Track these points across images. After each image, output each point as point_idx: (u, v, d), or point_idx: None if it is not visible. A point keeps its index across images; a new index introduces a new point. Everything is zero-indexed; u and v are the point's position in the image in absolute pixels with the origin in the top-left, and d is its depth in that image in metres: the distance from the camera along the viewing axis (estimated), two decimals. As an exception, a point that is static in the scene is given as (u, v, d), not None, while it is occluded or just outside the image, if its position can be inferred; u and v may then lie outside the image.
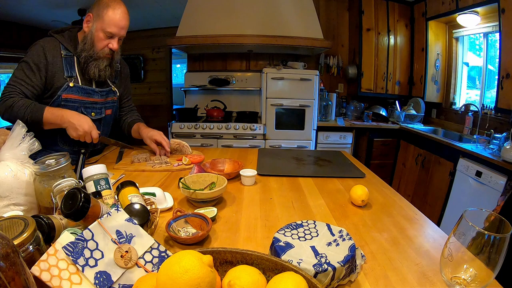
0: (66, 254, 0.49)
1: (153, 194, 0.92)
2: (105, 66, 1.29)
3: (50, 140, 1.30)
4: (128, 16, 1.28)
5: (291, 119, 3.03)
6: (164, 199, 0.95)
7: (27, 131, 0.80)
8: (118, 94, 1.45)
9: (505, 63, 2.21)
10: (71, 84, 1.26)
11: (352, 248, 0.62)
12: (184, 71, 3.72)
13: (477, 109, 2.68)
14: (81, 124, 1.18)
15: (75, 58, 1.28)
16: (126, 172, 1.28)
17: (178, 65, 5.42)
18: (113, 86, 1.43)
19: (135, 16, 1.66)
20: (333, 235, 0.67)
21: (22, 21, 3.31)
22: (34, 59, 1.20)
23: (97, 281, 0.49)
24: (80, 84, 1.29)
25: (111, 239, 0.53)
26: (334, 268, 0.56)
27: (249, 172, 1.18)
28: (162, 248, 0.57)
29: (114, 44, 1.26)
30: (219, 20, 2.92)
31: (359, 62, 3.40)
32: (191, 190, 0.95)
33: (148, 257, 0.55)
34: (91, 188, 0.74)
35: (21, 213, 0.69)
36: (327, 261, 0.58)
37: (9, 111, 1.17)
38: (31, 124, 1.15)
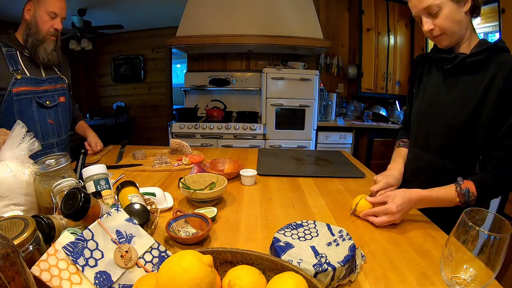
0: (66, 254, 0.49)
1: (153, 194, 0.92)
2: (52, 50, 1.32)
3: None
4: None
5: (291, 119, 3.03)
6: (164, 199, 0.95)
7: (27, 131, 0.80)
8: (67, 81, 1.47)
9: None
10: (18, 77, 1.26)
11: (352, 248, 0.62)
12: (184, 71, 3.72)
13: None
14: None
15: (17, 52, 1.29)
16: (126, 172, 1.28)
17: (178, 65, 5.42)
18: (60, 73, 1.44)
19: (135, 16, 1.67)
20: (333, 235, 0.67)
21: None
22: None
23: (97, 281, 0.49)
24: (28, 75, 1.30)
25: (111, 239, 0.53)
26: (334, 268, 0.56)
27: (249, 172, 1.18)
28: (162, 248, 0.57)
29: (58, 24, 1.30)
30: (219, 20, 2.92)
31: (359, 62, 3.40)
32: (191, 190, 0.95)
33: (148, 257, 0.55)
34: (91, 188, 0.74)
35: (21, 213, 0.69)
36: (327, 261, 0.58)
37: None
38: None
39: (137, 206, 0.67)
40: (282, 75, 2.95)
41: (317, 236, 0.67)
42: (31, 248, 0.48)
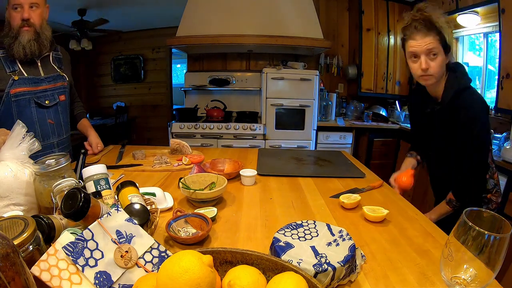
0: (66, 254, 0.49)
1: (153, 194, 0.92)
2: (29, 41, 1.25)
3: None
4: None
5: (291, 119, 3.03)
6: (164, 199, 0.95)
7: (27, 131, 0.80)
8: (67, 79, 1.44)
9: (505, 63, 2.21)
10: (15, 78, 1.25)
11: (352, 248, 0.62)
12: (184, 71, 3.72)
13: (477, 109, 2.68)
14: None
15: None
16: (126, 172, 1.28)
17: (178, 65, 5.42)
18: (60, 71, 1.40)
19: (135, 16, 1.68)
20: (333, 235, 0.67)
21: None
22: None
23: (97, 281, 0.49)
24: (25, 75, 1.28)
25: (111, 239, 0.53)
26: (334, 268, 0.56)
27: (249, 172, 1.18)
28: (162, 248, 0.57)
29: (24, 13, 1.22)
30: (219, 20, 2.92)
31: (359, 62, 3.40)
32: (191, 190, 0.95)
33: (148, 257, 0.55)
34: (91, 188, 0.74)
35: (21, 213, 0.69)
36: (327, 261, 0.58)
37: None
38: None
39: (137, 206, 0.67)
40: (282, 75, 2.95)
41: (317, 236, 0.67)
42: (31, 248, 0.48)
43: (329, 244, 0.64)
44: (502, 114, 2.44)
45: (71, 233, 0.54)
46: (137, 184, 0.79)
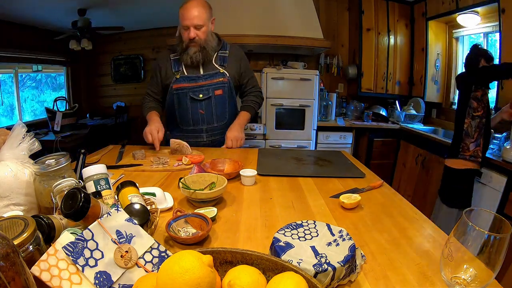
0: (66, 254, 0.49)
1: (153, 194, 0.92)
2: (195, 52, 1.55)
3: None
4: (196, 6, 1.50)
5: (291, 119, 3.03)
6: (164, 199, 0.95)
7: (27, 131, 0.80)
8: (228, 75, 1.64)
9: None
10: (177, 76, 1.60)
11: (352, 248, 0.62)
12: (184, 71, 3.71)
13: (477, 109, 2.68)
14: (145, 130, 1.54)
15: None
16: (126, 172, 1.28)
17: (178, 65, 5.41)
18: (221, 68, 1.63)
19: (135, 16, 1.71)
20: (333, 235, 0.67)
21: (22, 21, 3.30)
22: (152, 70, 1.74)
23: (97, 281, 0.49)
24: (185, 74, 1.60)
25: (111, 239, 0.53)
26: (334, 268, 0.56)
27: (249, 172, 1.18)
28: (162, 248, 0.57)
29: (190, 33, 1.51)
30: (219, 20, 2.91)
31: (359, 62, 3.40)
32: (191, 190, 0.95)
33: (148, 257, 0.55)
34: (91, 188, 0.74)
35: (21, 213, 0.69)
36: (327, 261, 0.58)
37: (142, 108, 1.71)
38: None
39: (137, 206, 0.67)
40: (282, 75, 2.95)
41: (317, 236, 0.67)
42: (31, 248, 0.48)
43: (329, 244, 0.64)
44: (502, 114, 2.44)
45: (71, 233, 0.54)
46: (137, 184, 0.79)
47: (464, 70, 2.07)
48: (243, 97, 1.79)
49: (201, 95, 1.61)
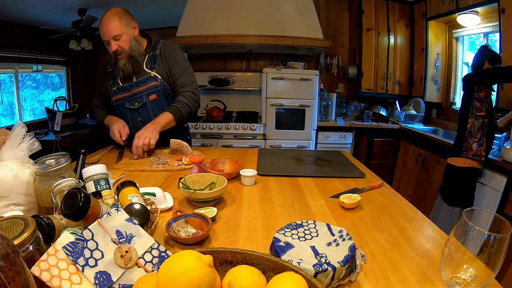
0: (66, 254, 0.49)
1: (153, 194, 0.92)
2: (124, 64, 1.51)
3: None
4: (109, 18, 1.44)
5: (291, 119, 3.03)
6: (164, 199, 0.95)
7: (27, 131, 0.80)
8: (159, 77, 1.57)
9: (505, 63, 2.20)
10: (114, 88, 1.59)
11: (352, 248, 0.62)
12: (184, 71, 3.71)
13: (477, 109, 2.68)
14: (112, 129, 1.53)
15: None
16: (126, 172, 1.28)
17: (178, 65, 5.41)
18: (152, 72, 1.56)
19: (135, 16, 1.69)
20: (333, 235, 0.67)
21: (22, 21, 3.30)
22: (97, 84, 1.70)
23: (97, 281, 0.49)
24: (121, 85, 1.57)
25: (111, 239, 0.53)
26: (334, 268, 0.56)
27: (249, 172, 1.18)
28: (162, 248, 0.57)
29: (111, 47, 1.47)
30: (219, 20, 2.92)
31: (359, 62, 3.40)
32: (191, 190, 0.95)
33: (148, 257, 0.55)
34: (91, 188, 0.74)
35: (21, 213, 0.69)
36: (327, 261, 0.58)
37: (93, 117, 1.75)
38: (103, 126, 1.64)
39: (137, 206, 0.67)
40: (282, 75, 2.95)
41: (317, 236, 0.67)
42: (31, 248, 0.48)
43: (329, 244, 0.64)
44: (502, 114, 2.44)
45: (71, 233, 0.54)
46: (137, 184, 0.79)
47: (470, 70, 2.08)
48: (174, 98, 1.63)
49: (136, 103, 1.57)
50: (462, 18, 2.72)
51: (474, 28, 2.81)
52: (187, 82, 1.61)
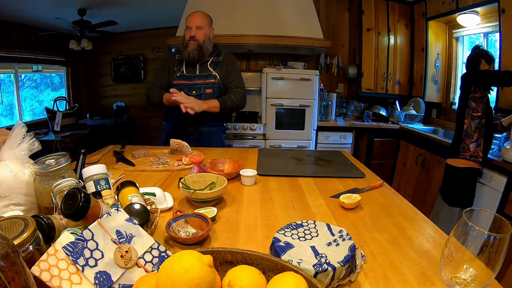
0: (66, 254, 0.49)
1: (153, 194, 0.92)
2: (192, 50, 1.78)
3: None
4: (199, 13, 1.87)
5: (291, 119, 3.03)
6: (164, 199, 0.95)
7: (27, 131, 0.80)
8: (218, 77, 1.85)
9: (505, 63, 2.21)
10: (178, 74, 1.85)
11: (352, 248, 0.62)
12: (184, 71, 3.71)
13: (477, 109, 2.68)
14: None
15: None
16: (126, 172, 1.28)
17: (178, 65, 5.41)
18: (213, 71, 1.85)
19: (135, 16, 1.71)
20: (333, 235, 0.67)
21: (22, 21, 3.30)
22: (159, 67, 2.01)
23: (97, 281, 0.49)
24: (184, 73, 1.84)
25: (111, 239, 0.53)
26: (334, 268, 0.56)
27: (249, 172, 1.18)
28: (162, 248, 0.57)
29: (191, 32, 1.79)
30: (219, 20, 2.91)
31: (359, 62, 3.40)
32: (191, 190, 0.95)
33: (148, 257, 0.55)
34: (91, 188, 0.74)
35: (21, 213, 0.69)
36: (327, 261, 0.58)
37: (147, 96, 1.94)
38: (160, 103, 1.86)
39: (137, 206, 0.67)
40: (282, 75, 2.95)
41: (317, 236, 0.67)
42: (31, 248, 0.48)
43: (329, 244, 0.64)
44: (502, 114, 2.44)
45: (71, 233, 0.54)
46: (137, 184, 0.79)
47: (465, 70, 2.07)
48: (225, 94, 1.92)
49: (194, 92, 1.81)
50: (462, 18, 2.72)
51: (474, 28, 2.81)
52: (239, 85, 1.92)
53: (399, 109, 3.41)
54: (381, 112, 3.39)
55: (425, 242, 0.80)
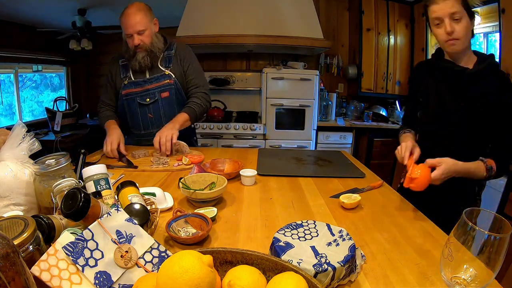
0: (66, 254, 0.49)
1: (153, 194, 0.92)
2: (143, 57, 1.53)
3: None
4: (135, 12, 1.48)
5: (291, 119, 3.03)
6: (164, 199, 0.95)
7: (27, 131, 0.80)
8: (173, 76, 1.61)
9: (505, 63, 2.21)
10: (125, 82, 1.59)
11: (352, 248, 0.62)
12: (184, 71, 3.71)
13: (477, 109, 2.68)
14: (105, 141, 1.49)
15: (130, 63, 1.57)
16: (126, 172, 1.28)
17: (178, 65, 5.41)
18: (166, 70, 1.60)
19: None
20: (333, 235, 0.67)
21: (22, 21, 3.30)
22: (104, 78, 1.73)
23: (97, 281, 0.49)
24: (133, 79, 1.59)
25: (111, 239, 0.53)
26: (334, 268, 0.56)
27: (249, 172, 1.18)
28: (162, 248, 0.57)
29: (134, 40, 1.49)
30: (219, 20, 2.92)
31: (359, 62, 3.40)
32: (191, 190, 0.95)
33: (148, 257, 0.55)
34: (91, 188, 0.74)
35: (21, 213, 0.69)
36: (327, 261, 0.58)
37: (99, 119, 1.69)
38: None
39: (137, 206, 0.67)
40: (282, 75, 2.95)
41: (317, 236, 0.67)
42: (31, 248, 0.48)
43: (329, 244, 0.64)
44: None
45: (71, 233, 0.54)
46: (137, 184, 0.79)
47: None
48: (187, 98, 1.68)
49: (148, 99, 1.59)
50: (462, 18, 2.72)
51: (474, 28, 2.80)
52: (200, 83, 1.67)
53: (399, 109, 3.40)
54: (381, 112, 3.39)
55: (425, 242, 0.79)
